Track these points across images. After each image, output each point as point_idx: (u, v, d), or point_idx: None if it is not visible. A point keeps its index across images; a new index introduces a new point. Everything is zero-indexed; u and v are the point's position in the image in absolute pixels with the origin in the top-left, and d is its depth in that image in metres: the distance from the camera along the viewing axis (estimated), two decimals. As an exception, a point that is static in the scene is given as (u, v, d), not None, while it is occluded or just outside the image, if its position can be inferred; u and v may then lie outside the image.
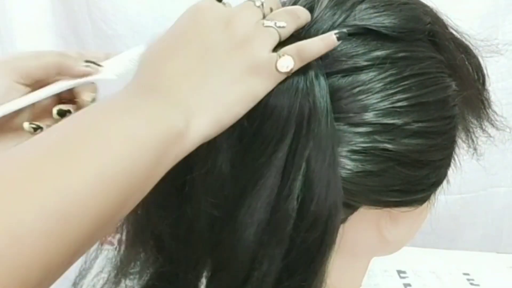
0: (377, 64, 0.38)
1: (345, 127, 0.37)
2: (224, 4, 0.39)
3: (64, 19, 1.00)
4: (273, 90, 0.36)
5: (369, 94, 0.38)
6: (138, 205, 0.34)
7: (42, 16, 0.99)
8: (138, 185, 0.32)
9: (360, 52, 0.38)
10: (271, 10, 0.39)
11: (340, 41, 0.37)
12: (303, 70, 0.37)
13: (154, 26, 0.97)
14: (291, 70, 0.36)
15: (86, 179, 0.29)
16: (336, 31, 0.37)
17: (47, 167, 0.29)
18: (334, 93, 0.37)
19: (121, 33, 0.97)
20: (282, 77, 0.36)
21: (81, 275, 0.47)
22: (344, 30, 0.38)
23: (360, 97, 0.38)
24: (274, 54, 0.36)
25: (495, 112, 0.47)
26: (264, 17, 0.38)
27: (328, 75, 0.38)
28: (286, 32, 0.38)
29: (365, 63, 0.38)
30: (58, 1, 0.99)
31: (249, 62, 0.36)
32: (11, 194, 0.28)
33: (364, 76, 0.38)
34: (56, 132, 0.32)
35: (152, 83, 0.35)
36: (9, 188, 0.28)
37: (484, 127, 0.47)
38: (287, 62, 0.36)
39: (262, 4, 0.38)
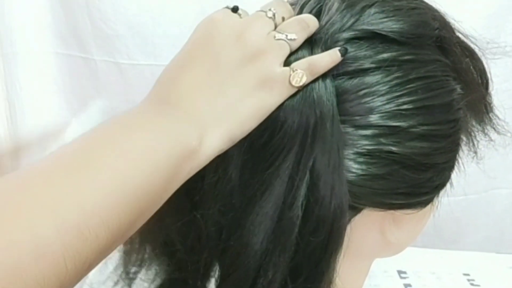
0: (383, 66, 0.38)
1: (351, 129, 0.37)
2: (239, 14, 0.39)
3: (63, 19, 0.99)
4: (284, 101, 0.37)
5: (375, 96, 0.38)
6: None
7: (41, 17, 0.99)
8: (153, 198, 0.33)
9: (366, 54, 0.38)
10: (283, 19, 0.39)
11: (342, 57, 0.37)
12: None
13: (154, 26, 0.97)
14: (304, 84, 0.37)
15: (104, 193, 0.30)
16: (338, 47, 0.38)
17: (66, 181, 0.30)
18: (340, 96, 0.38)
19: (121, 33, 0.97)
20: (294, 91, 0.37)
21: None
22: (346, 46, 0.38)
23: (365, 99, 0.38)
24: (287, 68, 0.37)
25: (497, 116, 0.47)
26: (275, 27, 0.38)
27: (334, 77, 0.38)
28: (296, 44, 0.38)
29: (371, 66, 0.38)
30: (57, 1, 0.99)
31: (262, 76, 0.36)
32: (33, 207, 0.28)
33: (370, 79, 0.38)
34: (75, 146, 0.33)
35: (167, 98, 0.36)
36: (31, 200, 0.29)
37: (486, 131, 0.47)
38: (300, 77, 0.37)
39: (274, 15, 0.38)
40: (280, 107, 0.37)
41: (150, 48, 0.98)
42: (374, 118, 0.37)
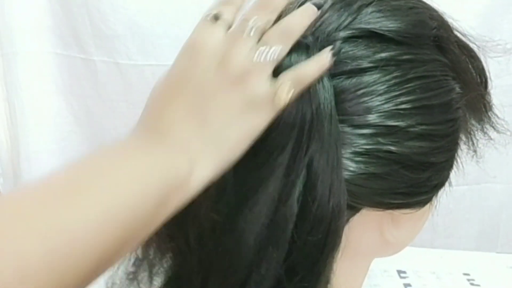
0: (381, 66, 0.38)
1: (349, 129, 0.37)
2: (222, 21, 0.37)
3: (63, 20, 1.00)
4: None
5: (373, 96, 0.38)
6: None
7: (41, 17, 0.99)
8: (139, 228, 0.33)
9: (364, 54, 0.38)
10: (266, 27, 0.37)
11: (334, 57, 0.37)
12: None
13: (154, 26, 0.97)
14: (291, 96, 0.36)
15: (90, 218, 0.30)
16: (326, 52, 0.37)
17: (54, 205, 0.30)
18: (338, 95, 0.37)
19: (120, 33, 0.97)
20: (282, 106, 0.36)
21: None
22: (343, 45, 0.37)
23: (364, 99, 0.37)
24: (273, 85, 0.36)
25: (496, 115, 0.47)
26: (259, 39, 0.37)
27: (332, 77, 0.38)
28: (283, 53, 0.37)
29: (369, 65, 0.38)
30: (57, 1, 0.99)
31: (248, 98, 0.36)
32: (20, 229, 0.29)
33: (368, 78, 0.38)
34: (65, 172, 0.33)
35: (156, 127, 0.36)
36: (18, 222, 0.29)
37: (485, 130, 0.47)
38: (287, 90, 0.36)
39: (254, 29, 0.37)
40: None
41: (150, 48, 0.98)
42: (372, 118, 0.37)
